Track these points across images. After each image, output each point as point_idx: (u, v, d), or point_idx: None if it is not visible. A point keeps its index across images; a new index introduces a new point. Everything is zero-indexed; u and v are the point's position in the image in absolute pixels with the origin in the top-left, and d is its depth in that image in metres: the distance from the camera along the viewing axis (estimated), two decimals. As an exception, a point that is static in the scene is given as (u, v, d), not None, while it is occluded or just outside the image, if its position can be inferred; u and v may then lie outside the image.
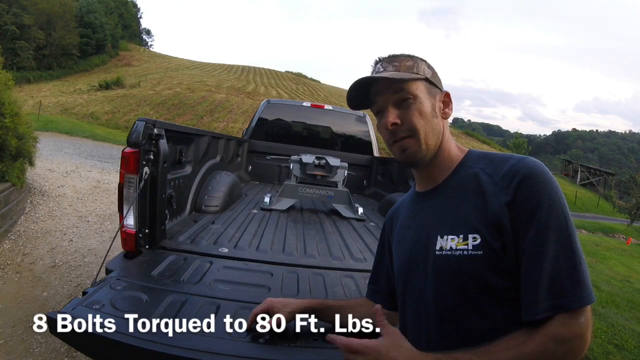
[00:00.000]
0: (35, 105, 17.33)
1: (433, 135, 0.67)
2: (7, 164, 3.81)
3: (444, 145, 0.69)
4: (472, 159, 0.67)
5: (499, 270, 0.57)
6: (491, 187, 0.60)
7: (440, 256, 0.62)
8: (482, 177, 0.62)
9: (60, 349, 2.02)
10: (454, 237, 0.61)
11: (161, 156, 1.45)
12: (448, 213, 0.64)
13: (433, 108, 0.68)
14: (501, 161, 0.62)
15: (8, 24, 27.35)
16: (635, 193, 18.78)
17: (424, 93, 0.67)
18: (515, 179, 0.58)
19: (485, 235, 0.58)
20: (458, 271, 0.59)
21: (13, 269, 2.87)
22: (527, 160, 0.60)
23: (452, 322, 0.61)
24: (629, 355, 2.82)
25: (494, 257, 0.57)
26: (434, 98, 0.69)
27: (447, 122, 0.70)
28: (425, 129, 0.66)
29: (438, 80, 0.71)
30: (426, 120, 0.67)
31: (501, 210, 0.57)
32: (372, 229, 2.32)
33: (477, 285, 0.58)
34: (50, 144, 9.63)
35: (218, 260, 1.45)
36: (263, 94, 26.50)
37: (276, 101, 4.49)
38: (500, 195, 0.58)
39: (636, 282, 5.99)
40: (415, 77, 0.67)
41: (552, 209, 0.55)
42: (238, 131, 15.08)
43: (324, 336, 0.95)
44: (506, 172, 0.59)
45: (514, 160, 0.61)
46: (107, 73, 30.52)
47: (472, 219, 0.60)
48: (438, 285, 0.62)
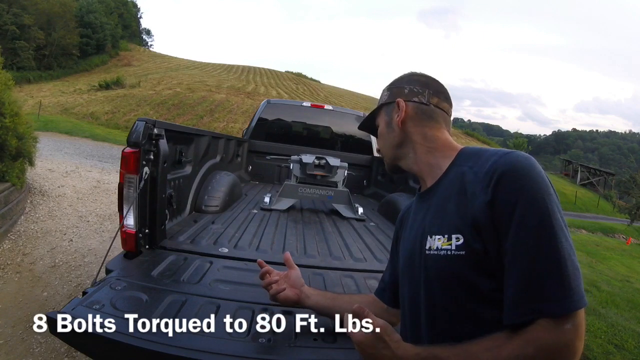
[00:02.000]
0: (35, 105, 17.34)
1: (390, 148, 0.77)
2: (7, 164, 3.81)
3: (417, 148, 0.73)
4: (462, 158, 0.67)
5: (482, 271, 0.56)
6: (473, 185, 0.59)
7: (429, 255, 0.63)
8: (467, 177, 0.61)
9: (60, 349, 2.02)
10: (440, 237, 0.61)
11: (161, 156, 1.45)
12: (437, 213, 0.65)
13: (388, 125, 0.77)
14: (487, 158, 0.60)
15: (8, 24, 27.36)
16: (635, 193, 18.78)
17: (381, 119, 0.79)
18: (495, 176, 0.56)
19: (467, 236, 0.57)
20: (443, 270, 0.60)
21: (13, 269, 2.87)
22: (510, 156, 0.57)
23: (441, 321, 0.61)
24: (629, 355, 2.82)
25: (476, 258, 0.56)
26: (388, 115, 0.77)
27: (413, 127, 0.73)
28: (384, 146, 0.79)
29: (395, 91, 0.76)
30: (382, 140, 0.79)
31: (481, 210, 0.56)
32: (372, 229, 2.32)
33: (462, 285, 0.58)
34: (50, 144, 9.63)
35: (218, 260, 1.45)
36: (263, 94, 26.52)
37: (276, 101, 4.49)
38: (481, 195, 0.57)
39: (636, 282, 5.99)
40: (373, 111, 0.82)
41: (531, 206, 0.53)
42: (238, 131, 15.08)
43: (324, 336, 0.96)
44: (487, 169, 0.58)
45: (496, 156, 0.59)
46: (107, 73, 30.53)
47: (455, 219, 0.60)
48: (427, 285, 0.63)
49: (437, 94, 0.74)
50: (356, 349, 0.61)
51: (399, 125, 0.73)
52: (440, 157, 0.70)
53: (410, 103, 0.74)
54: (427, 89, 0.74)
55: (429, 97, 0.73)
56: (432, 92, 0.74)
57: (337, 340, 0.95)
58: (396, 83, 0.78)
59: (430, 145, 0.71)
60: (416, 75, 0.77)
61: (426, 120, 0.73)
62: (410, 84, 0.75)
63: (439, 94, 0.74)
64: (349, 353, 0.92)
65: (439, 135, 0.72)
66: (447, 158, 0.69)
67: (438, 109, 0.74)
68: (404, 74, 0.79)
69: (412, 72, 0.78)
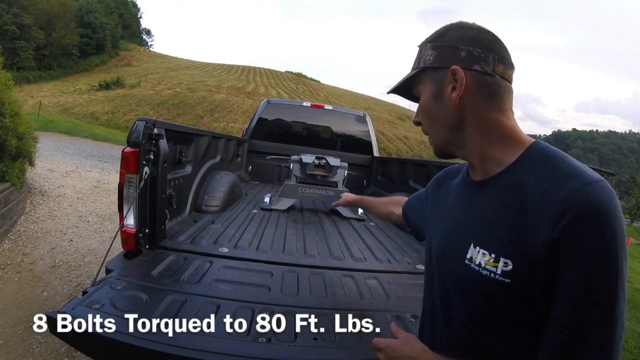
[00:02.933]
0: (35, 105, 17.34)
1: (442, 128, 0.59)
2: (7, 164, 3.81)
3: (474, 136, 0.57)
4: (530, 159, 0.53)
5: (522, 301, 0.50)
6: (538, 211, 0.47)
7: (467, 266, 0.55)
8: (532, 194, 0.49)
9: (60, 349, 2.02)
10: (485, 252, 0.52)
11: (161, 156, 1.45)
12: (487, 220, 0.54)
13: (436, 98, 0.58)
14: (563, 177, 0.48)
15: (8, 24, 27.38)
16: (635, 193, 18.81)
17: (426, 86, 0.60)
18: (569, 213, 0.45)
19: (517, 265, 0.49)
20: (478, 290, 0.53)
21: (13, 269, 2.87)
22: (593, 190, 0.45)
23: (461, 328, 0.58)
24: (629, 355, 2.82)
25: (521, 289, 0.49)
26: (437, 85, 0.58)
27: (474, 108, 0.56)
28: (431, 124, 0.61)
29: (447, 52, 0.57)
30: (427, 116, 0.61)
31: (542, 247, 0.46)
32: (372, 229, 2.32)
33: (494, 309, 0.52)
34: (50, 144, 9.63)
35: (218, 260, 1.45)
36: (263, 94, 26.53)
37: (276, 101, 4.49)
38: (546, 229, 0.46)
39: (636, 282, 5.99)
40: (412, 74, 0.62)
41: (602, 266, 0.44)
42: (238, 131, 15.09)
43: (323, 336, 0.96)
44: (562, 198, 0.46)
45: (577, 183, 0.46)
46: (107, 73, 30.55)
47: (507, 241, 0.50)
48: (457, 292, 0.58)
49: (502, 59, 0.56)
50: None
51: (455, 102, 0.56)
52: (502, 151, 0.55)
53: (470, 73, 0.55)
54: (491, 52, 0.56)
55: (494, 64, 0.55)
56: (498, 58, 0.56)
57: (337, 340, 0.95)
58: (446, 39, 0.58)
59: (493, 135, 0.56)
60: (471, 28, 0.57)
61: (490, 98, 0.56)
62: (468, 44, 0.56)
63: (504, 59, 0.56)
64: (349, 353, 0.92)
65: (504, 122, 0.56)
66: (510, 153, 0.55)
67: (504, 81, 0.56)
68: (451, 25, 0.59)
69: (462, 24, 0.59)
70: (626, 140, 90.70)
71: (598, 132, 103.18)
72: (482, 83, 0.55)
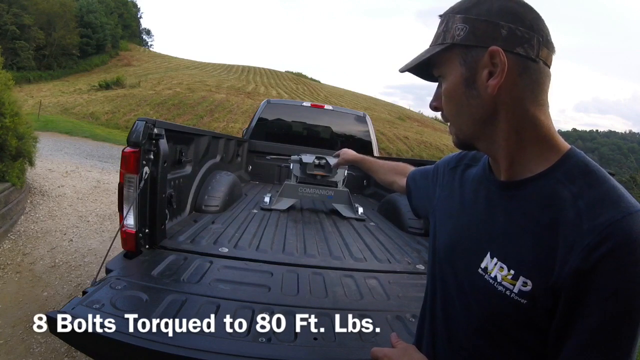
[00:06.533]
0: (35, 105, 17.34)
1: (470, 121, 0.50)
2: (7, 164, 3.82)
3: (506, 134, 0.48)
4: (567, 170, 0.46)
5: (533, 325, 0.45)
6: (571, 234, 0.42)
7: (480, 277, 0.49)
8: (567, 212, 0.43)
9: (60, 349, 2.02)
10: (504, 266, 0.47)
11: (161, 156, 1.46)
12: (510, 230, 0.48)
13: (467, 83, 0.48)
14: (602, 200, 0.42)
15: (8, 24, 27.39)
16: (635, 193, 18.80)
17: (453, 66, 0.49)
18: (605, 246, 0.40)
19: (538, 288, 0.44)
20: (489, 305, 0.49)
21: (13, 269, 2.87)
22: (633, 221, 0.40)
23: (462, 338, 0.55)
24: None
25: (536, 314, 0.44)
26: (469, 68, 0.48)
27: (512, 100, 0.47)
28: (457, 113, 0.51)
29: (483, 28, 0.46)
30: (453, 103, 0.51)
31: (571, 277, 0.41)
32: (372, 229, 2.32)
33: (501, 327, 0.48)
34: (50, 144, 9.63)
35: (218, 260, 1.45)
36: (263, 94, 26.54)
37: (276, 101, 4.49)
38: (576, 256, 0.41)
39: None
40: (438, 49, 0.50)
41: (626, 314, 0.40)
42: (238, 131, 15.08)
43: (323, 336, 0.96)
44: (599, 227, 0.41)
45: (618, 213, 0.41)
46: (107, 73, 30.57)
47: (530, 260, 0.45)
48: (462, 303, 0.54)
49: (547, 42, 0.47)
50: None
51: (493, 92, 0.46)
52: (535, 155, 0.48)
53: (512, 56, 0.45)
54: (535, 33, 0.46)
55: (538, 47, 0.46)
56: (543, 40, 0.46)
57: (337, 340, 0.95)
58: (482, 11, 0.47)
59: (528, 135, 0.48)
60: (510, 0, 0.47)
61: (531, 89, 0.47)
62: (510, 20, 0.46)
63: (548, 42, 0.47)
64: (349, 353, 0.92)
65: (542, 120, 0.48)
66: (543, 159, 0.47)
67: (547, 68, 0.47)
68: (470, 5, 0.48)
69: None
70: (626, 140, 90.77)
71: (598, 132, 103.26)
72: (525, 70, 0.46)
